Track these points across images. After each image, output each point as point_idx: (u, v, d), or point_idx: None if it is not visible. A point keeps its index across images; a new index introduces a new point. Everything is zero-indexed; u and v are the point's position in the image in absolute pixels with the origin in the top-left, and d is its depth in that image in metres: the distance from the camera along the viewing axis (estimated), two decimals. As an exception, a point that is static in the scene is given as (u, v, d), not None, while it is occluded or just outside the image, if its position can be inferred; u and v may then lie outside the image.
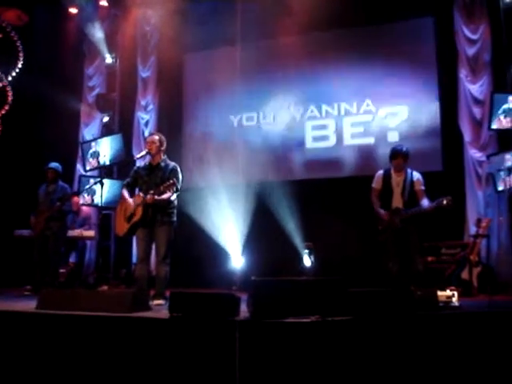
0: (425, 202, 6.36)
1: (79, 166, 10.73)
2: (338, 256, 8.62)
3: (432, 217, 6.42)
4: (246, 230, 9.19)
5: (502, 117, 7.95)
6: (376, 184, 6.71)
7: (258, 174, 9.53)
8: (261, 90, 10.02)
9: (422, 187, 6.51)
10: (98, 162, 10.30)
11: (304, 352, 4.14)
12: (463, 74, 8.57)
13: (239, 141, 9.95)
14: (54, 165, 8.25)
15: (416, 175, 6.59)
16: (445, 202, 6.21)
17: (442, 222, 7.39)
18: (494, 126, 8.01)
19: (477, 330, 4.32)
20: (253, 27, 9.40)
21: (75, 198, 9.38)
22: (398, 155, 6.53)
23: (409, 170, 6.61)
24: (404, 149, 6.56)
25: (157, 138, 6.43)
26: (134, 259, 9.14)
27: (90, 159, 10.39)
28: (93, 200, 9.82)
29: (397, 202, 6.51)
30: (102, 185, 7.10)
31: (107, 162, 10.24)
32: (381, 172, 6.75)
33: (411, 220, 6.37)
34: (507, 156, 7.67)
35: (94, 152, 10.36)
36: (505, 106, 7.95)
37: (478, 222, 7.58)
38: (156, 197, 6.03)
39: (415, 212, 6.35)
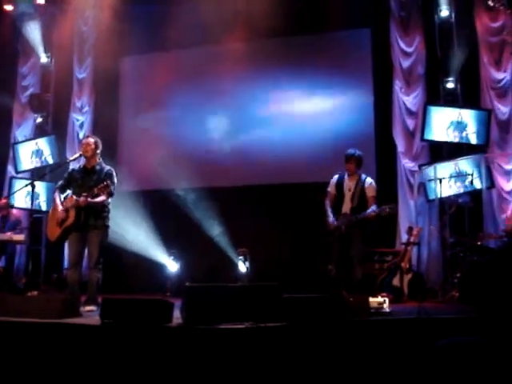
0: (370, 209, 6.43)
1: (10, 168, 10.43)
2: (273, 262, 8.67)
3: (377, 223, 6.52)
4: (181, 235, 9.10)
5: (450, 129, 8.18)
6: (330, 188, 6.74)
7: (194, 179, 9.47)
8: (196, 96, 9.97)
9: (373, 194, 6.56)
10: (42, 162, 10.04)
11: (237, 358, 4.14)
12: (398, 85, 8.76)
13: (176, 146, 9.87)
14: None
15: (369, 181, 6.63)
16: (388, 210, 6.35)
17: (375, 230, 7.52)
18: (442, 139, 8.23)
19: (406, 336, 4.42)
20: (191, 33, 9.36)
21: (2, 201, 9.15)
22: (351, 159, 6.57)
23: (363, 176, 6.65)
24: (356, 153, 6.60)
25: (92, 140, 6.33)
26: (66, 264, 8.93)
27: (33, 158, 10.12)
28: (35, 204, 9.53)
29: (346, 206, 6.55)
30: (33, 187, 6.89)
31: (51, 161, 9.98)
32: (335, 176, 6.77)
33: (357, 226, 6.43)
34: (438, 166, 7.88)
35: (37, 150, 10.09)
36: (453, 119, 8.18)
37: (410, 230, 7.77)
38: (89, 199, 5.92)
39: (360, 218, 6.40)
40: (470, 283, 6.44)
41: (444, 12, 8.74)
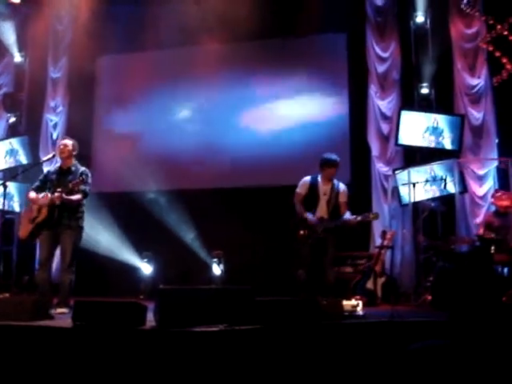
0: (347, 215, 6.43)
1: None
2: (247, 265, 8.66)
3: (353, 229, 6.53)
4: (155, 237, 9.02)
5: (426, 134, 8.26)
6: (301, 189, 6.64)
7: (169, 181, 9.46)
8: (172, 97, 9.98)
9: (346, 200, 6.56)
10: (16, 161, 9.90)
11: (211, 361, 4.12)
12: (373, 90, 8.83)
13: (151, 148, 9.82)
14: None
15: (342, 187, 6.63)
16: (371, 216, 6.38)
17: (349, 233, 7.53)
18: (416, 143, 8.30)
19: (379, 339, 4.44)
20: (169, 35, 9.34)
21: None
22: (333, 165, 6.54)
23: (335, 181, 6.64)
24: (339, 159, 6.61)
25: (70, 142, 6.33)
26: (37, 265, 8.82)
27: (7, 158, 9.98)
28: (8, 204, 9.39)
29: (322, 210, 6.50)
30: (5, 188, 6.79)
31: (25, 161, 9.83)
32: (308, 178, 6.68)
33: (332, 231, 6.43)
34: (412, 171, 7.95)
35: (12, 150, 9.94)
36: (429, 125, 8.26)
37: (383, 233, 7.83)
38: (64, 195, 5.87)
39: (340, 224, 6.40)
40: (440, 289, 6.50)
41: (419, 18, 8.86)
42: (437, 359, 2.45)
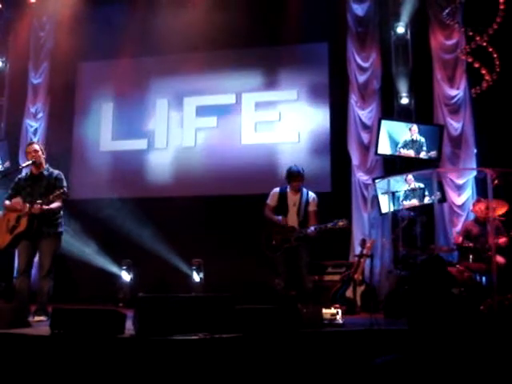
0: (311, 227, 6.44)
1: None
2: (227, 272, 8.64)
3: (324, 236, 6.56)
4: (135, 245, 8.97)
5: (404, 150, 8.32)
6: (271, 201, 6.72)
7: (149, 188, 9.44)
8: (153, 103, 10.00)
9: (316, 208, 6.61)
10: None
11: (191, 370, 4.11)
12: (353, 99, 8.89)
13: (129, 155, 9.79)
14: None
15: (312, 195, 6.67)
16: (340, 223, 6.40)
17: (328, 242, 7.57)
18: (396, 153, 8.36)
19: (358, 347, 4.46)
20: (152, 42, 9.38)
21: None
22: (298, 176, 6.59)
23: (304, 190, 6.68)
24: (302, 170, 6.65)
25: (38, 146, 6.29)
26: (16, 273, 8.72)
27: None
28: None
29: (292, 220, 6.55)
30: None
31: (0, 168, 9.74)
32: (277, 189, 6.77)
33: (304, 239, 6.47)
34: (391, 180, 8.00)
35: None
36: (407, 138, 8.33)
37: (363, 242, 7.86)
38: (44, 207, 5.81)
39: (310, 232, 6.43)
40: (395, 298, 6.54)
41: (400, 29, 8.94)
42: (400, 373, 2.46)
